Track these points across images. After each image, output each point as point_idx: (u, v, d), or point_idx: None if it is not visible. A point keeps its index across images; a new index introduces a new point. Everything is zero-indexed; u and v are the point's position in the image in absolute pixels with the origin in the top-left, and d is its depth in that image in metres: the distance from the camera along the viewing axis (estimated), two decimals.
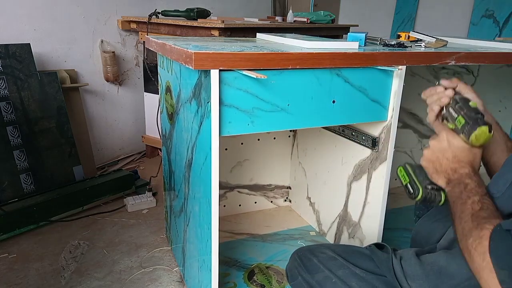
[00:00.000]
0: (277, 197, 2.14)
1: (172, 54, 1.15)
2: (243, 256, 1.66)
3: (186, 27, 2.36)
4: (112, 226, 2.03)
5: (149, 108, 2.77)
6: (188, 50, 0.98)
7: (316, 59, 1.09)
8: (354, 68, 1.19)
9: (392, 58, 1.23)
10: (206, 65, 0.96)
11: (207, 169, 1.09)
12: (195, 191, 1.26)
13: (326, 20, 2.91)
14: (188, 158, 1.30)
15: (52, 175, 2.24)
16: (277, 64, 1.04)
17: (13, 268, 1.69)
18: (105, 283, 1.61)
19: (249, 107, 1.07)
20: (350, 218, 1.62)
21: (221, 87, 1.01)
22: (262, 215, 2.05)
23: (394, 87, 1.28)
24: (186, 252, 1.49)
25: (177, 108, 1.39)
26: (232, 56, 0.98)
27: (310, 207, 1.95)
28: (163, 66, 1.57)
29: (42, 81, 2.23)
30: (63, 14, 2.42)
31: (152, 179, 2.38)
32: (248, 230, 1.88)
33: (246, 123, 1.08)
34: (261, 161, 2.03)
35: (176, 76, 1.37)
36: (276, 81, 1.09)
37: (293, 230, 1.90)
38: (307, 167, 1.96)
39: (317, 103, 1.17)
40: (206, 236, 1.16)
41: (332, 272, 1.05)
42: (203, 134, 1.11)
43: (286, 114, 1.13)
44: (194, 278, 1.40)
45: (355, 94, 1.23)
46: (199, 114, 1.12)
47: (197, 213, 1.25)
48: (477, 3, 3.14)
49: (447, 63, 1.35)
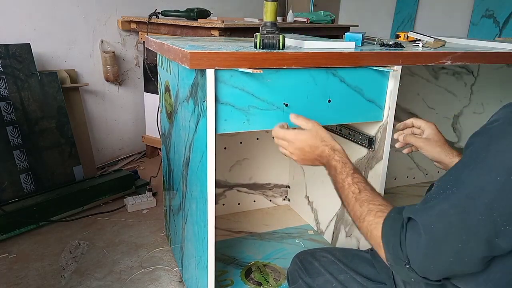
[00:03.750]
0: (276, 196, 2.15)
1: (170, 54, 1.16)
2: (241, 254, 1.67)
3: (186, 27, 2.37)
4: (112, 226, 2.04)
5: (149, 108, 2.78)
6: (184, 49, 0.99)
7: (311, 58, 1.10)
8: (350, 68, 1.20)
9: (387, 58, 1.23)
10: (202, 64, 0.97)
11: (203, 167, 1.10)
12: (192, 189, 1.27)
13: (326, 20, 2.92)
14: (186, 156, 1.31)
15: (52, 175, 2.25)
16: (273, 64, 1.05)
17: (13, 268, 1.70)
18: (105, 283, 1.62)
19: (245, 105, 1.08)
20: (347, 217, 1.63)
21: (217, 85, 1.02)
22: (261, 214, 2.05)
23: (390, 87, 1.29)
24: (184, 250, 1.50)
25: (176, 107, 1.41)
26: (228, 55, 0.99)
27: (308, 206, 1.96)
28: (162, 65, 1.58)
29: (42, 81, 2.24)
30: (63, 14, 2.43)
31: (152, 179, 2.38)
32: (247, 229, 1.89)
33: (242, 121, 1.09)
34: (260, 160, 2.04)
35: (174, 76, 1.38)
36: (271, 79, 1.10)
37: (292, 229, 1.90)
38: (306, 167, 1.96)
39: (312, 102, 1.18)
40: (202, 234, 1.17)
41: (333, 276, 1.06)
42: (199, 132, 1.12)
43: (282, 112, 1.14)
44: (192, 276, 1.41)
45: (350, 94, 1.23)
46: (196, 112, 1.13)
47: (194, 211, 1.26)
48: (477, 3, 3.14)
49: (443, 63, 1.35)
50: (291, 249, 1.72)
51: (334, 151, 1.02)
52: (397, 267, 0.76)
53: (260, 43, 1.10)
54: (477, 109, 2.38)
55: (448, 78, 2.26)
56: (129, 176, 2.41)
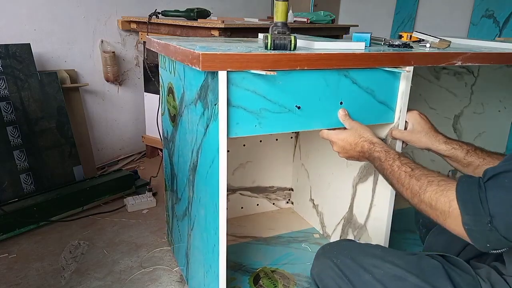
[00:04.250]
0: (279, 199, 2.13)
1: (177, 55, 1.13)
2: (248, 260, 1.64)
3: (186, 27, 2.35)
4: (112, 226, 2.02)
5: (149, 108, 2.75)
6: (195, 51, 0.96)
7: (325, 59, 1.07)
8: (362, 69, 1.18)
9: (400, 59, 1.21)
10: (214, 66, 0.94)
11: (214, 172, 1.07)
12: (200, 195, 1.24)
13: (326, 20, 2.90)
14: (193, 161, 1.28)
15: (52, 175, 2.22)
16: (285, 65, 1.03)
17: (13, 268, 1.68)
18: (105, 283, 1.59)
19: (256, 108, 1.06)
20: (355, 220, 1.60)
21: (229, 87, 1.00)
22: (265, 218, 2.03)
23: (401, 88, 1.26)
24: (190, 256, 1.47)
25: (181, 110, 1.37)
26: (240, 57, 0.96)
27: (313, 209, 1.94)
28: (164, 67, 1.54)
29: (42, 81, 2.21)
30: (63, 14, 2.40)
31: (152, 179, 2.36)
32: (252, 233, 1.86)
33: (253, 124, 1.07)
34: (263, 163, 2.02)
35: (179, 78, 1.35)
36: (283, 81, 1.07)
37: (297, 233, 1.88)
38: (310, 169, 1.94)
39: (324, 104, 1.15)
40: (212, 241, 1.14)
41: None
42: (209, 136, 1.09)
43: (293, 115, 1.12)
44: (199, 284, 1.37)
45: (362, 96, 1.21)
46: (205, 116, 1.10)
47: (203, 217, 1.23)
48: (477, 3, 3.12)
49: (454, 64, 1.33)
50: (298, 254, 1.70)
51: (374, 144, 1.10)
52: (476, 228, 0.75)
53: (271, 43, 1.07)
54: (477, 109, 2.37)
55: (449, 78, 2.24)
56: (129, 176, 2.38)
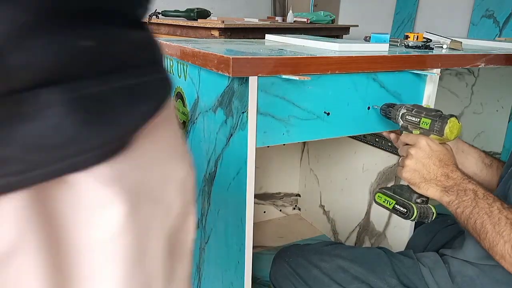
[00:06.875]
0: (286, 205, 2.05)
1: (196, 59, 1.04)
2: (261, 272, 1.56)
3: (186, 27, 2.27)
4: None
5: None
6: (223, 55, 0.88)
7: (356, 63, 1.00)
8: (390, 72, 1.11)
9: (429, 61, 1.15)
10: (244, 71, 0.86)
11: (240, 184, 0.99)
12: (219, 207, 1.16)
13: (326, 20, 2.85)
14: (210, 171, 1.19)
15: None
16: (317, 69, 0.95)
17: None
18: None
19: (285, 115, 0.98)
20: (373, 227, 1.54)
21: (258, 94, 0.92)
22: (272, 225, 1.95)
23: (427, 91, 1.20)
24: (202, 271, 1.38)
25: (193, 117, 1.29)
26: (272, 61, 0.88)
27: (324, 216, 1.87)
28: (172, 70, 1.46)
29: None
30: None
31: None
32: (261, 242, 1.79)
33: (281, 132, 0.99)
34: (271, 168, 1.94)
35: (192, 82, 1.26)
36: (312, 86, 1.00)
37: (308, 241, 1.80)
38: (320, 174, 1.87)
39: (353, 109, 1.08)
40: (236, 258, 1.06)
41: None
42: (233, 146, 1.01)
43: (322, 122, 1.04)
44: None
45: (389, 100, 1.14)
46: (228, 124, 1.02)
47: (222, 231, 1.15)
48: (477, 3, 3.11)
49: (477, 66, 1.28)
50: None
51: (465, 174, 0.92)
52: None
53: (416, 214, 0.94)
54: (476, 109, 2.33)
55: (451, 79, 2.20)
56: None
